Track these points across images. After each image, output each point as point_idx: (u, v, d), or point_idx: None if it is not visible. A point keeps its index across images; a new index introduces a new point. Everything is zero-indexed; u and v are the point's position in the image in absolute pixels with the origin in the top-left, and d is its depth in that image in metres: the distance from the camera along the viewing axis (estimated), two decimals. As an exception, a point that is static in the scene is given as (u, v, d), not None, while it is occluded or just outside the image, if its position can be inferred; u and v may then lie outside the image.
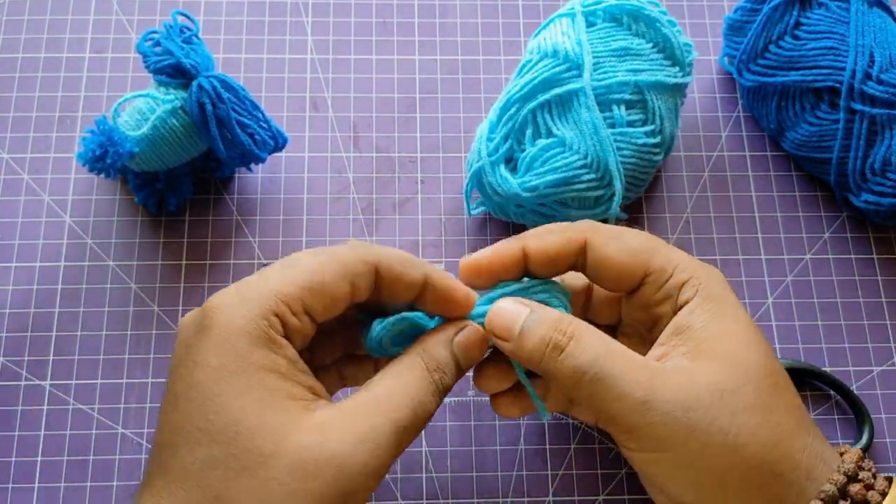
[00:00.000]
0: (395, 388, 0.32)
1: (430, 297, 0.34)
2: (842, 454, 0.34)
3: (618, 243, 0.35)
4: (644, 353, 0.34)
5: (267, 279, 0.31)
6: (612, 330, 0.39)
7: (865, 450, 0.42)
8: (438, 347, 0.34)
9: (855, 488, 0.32)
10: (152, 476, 0.29)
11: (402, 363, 0.33)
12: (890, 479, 0.33)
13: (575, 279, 0.39)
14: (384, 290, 0.34)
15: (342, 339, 0.37)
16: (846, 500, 0.32)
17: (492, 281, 0.36)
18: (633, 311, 0.38)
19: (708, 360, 0.33)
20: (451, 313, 0.35)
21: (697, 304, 0.34)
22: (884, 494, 0.32)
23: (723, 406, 0.31)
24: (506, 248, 0.35)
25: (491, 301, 0.35)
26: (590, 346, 0.33)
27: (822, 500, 0.31)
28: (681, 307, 0.35)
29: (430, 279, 0.34)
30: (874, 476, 0.33)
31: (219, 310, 0.30)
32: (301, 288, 0.31)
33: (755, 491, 0.31)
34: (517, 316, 0.34)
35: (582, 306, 0.39)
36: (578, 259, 0.36)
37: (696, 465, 0.31)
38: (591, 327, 0.34)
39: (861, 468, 0.33)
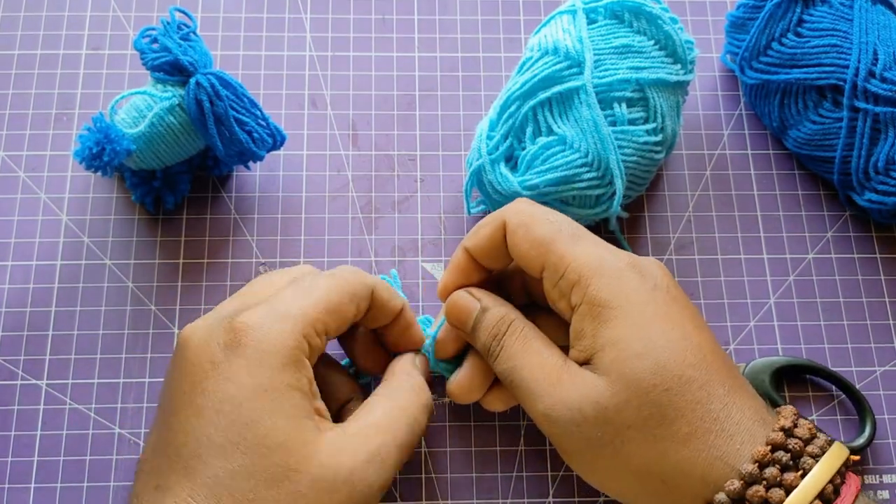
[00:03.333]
0: (393, 409, 0.35)
1: (398, 326, 0.38)
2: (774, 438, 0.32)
3: (523, 231, 0.35)
4: None
5: (293, 300, 0.34)
6: None
7: (868, 444, 0.42)
8: (414, 371, 0.38)
9: (753, 490, 0.30)
10: (172, 482, 0.31)
11: (392, 387, 0.36)
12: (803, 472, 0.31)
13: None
14: (369, 313, 0.37)
15: None
16: None
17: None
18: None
19: (596, 373, 0.33)
20: (406, 343, 0.39)
21: (585, 310, 0.33)
22: (790, 490, 0.31)
23: (606, 423, 0.32)
24: (456, 258, 0.38)
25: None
26: (510, 355, 0.35)
27: None
28: (574, 310, 0.34)
29: (404, 310, 0.38)
30: (793, 461, 0.31)
31: (252, 330, 0.32)
32: (323, 311, 0.34)
33: (648, 496, 0.33)
34: (469, 313, 0.37)
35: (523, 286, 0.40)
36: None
37: (595, 471, 0.34)
38: (520, 330, 0.36)
39: (774, 461, 0.31)
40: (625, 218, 0.46)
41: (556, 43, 0.42)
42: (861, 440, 0.42)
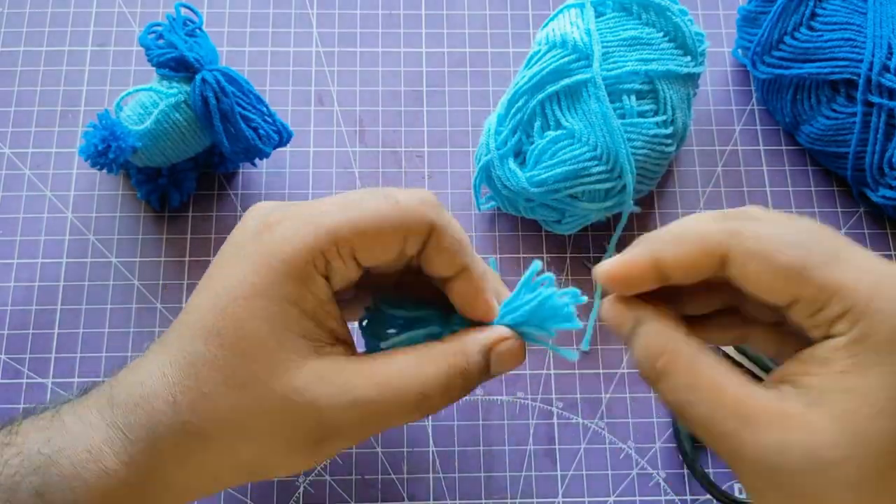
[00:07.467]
0: (409, 375, 0.31)
1: (457, 288, 0.33)
2: None
3: (759, 263, 0.29)
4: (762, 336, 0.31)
5: (324, 214, 0.31)
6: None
7: None
8: (475, 353, 0.32)
9: None
10: (159, 346, 0.31)
11: (431, 353, 0.31)
12: None
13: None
14: (424, 255, 0.32)
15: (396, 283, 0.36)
16: None
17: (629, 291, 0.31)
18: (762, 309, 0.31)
19: (821, 415, 0.27)
20: (472, 313, 0.33)
21: (846, 343, 0.28)
22: None
23: (817, 474, 0.27)
24: (634, 262, 0.31)
25: (511, 311, 0.32)
26: (676, 386, 0.29)
27: None
28: (828, 338, 0.28)
29: (468, 270, 0.32)
30: None
31: (278, 227, 0.31)
32: (354, 232, 0.30)
33: None
34: (621, 327, 0.31)
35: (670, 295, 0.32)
36: (719, 271, 0.30)
37: None
38: (684, 355, 0.29)
39: None
40: (636, 213, 0.46)
41: (564, 36, 0.42)
42: None
